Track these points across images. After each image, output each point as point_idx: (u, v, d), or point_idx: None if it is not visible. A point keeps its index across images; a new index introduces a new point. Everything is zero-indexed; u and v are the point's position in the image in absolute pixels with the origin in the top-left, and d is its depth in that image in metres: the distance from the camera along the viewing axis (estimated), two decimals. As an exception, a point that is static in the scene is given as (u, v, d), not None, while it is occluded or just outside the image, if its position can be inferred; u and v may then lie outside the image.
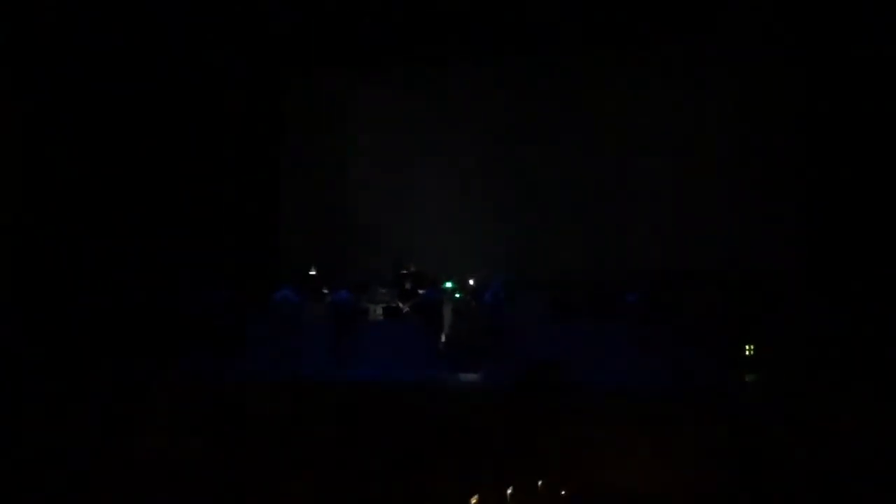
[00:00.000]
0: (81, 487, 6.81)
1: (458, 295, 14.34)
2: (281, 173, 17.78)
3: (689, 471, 9.54)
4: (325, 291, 14.60)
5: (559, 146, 16.38)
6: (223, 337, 13.28)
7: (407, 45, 15.79)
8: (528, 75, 16.55)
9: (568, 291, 13.85)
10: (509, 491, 8.24)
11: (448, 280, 14.50)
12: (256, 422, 10.05)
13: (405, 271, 15.13)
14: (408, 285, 14.86)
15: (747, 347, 11.72)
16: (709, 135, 15.47)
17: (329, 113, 17.76)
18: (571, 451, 9.78)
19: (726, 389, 11.15)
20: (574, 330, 12.82)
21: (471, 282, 14.44)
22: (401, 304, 14.74)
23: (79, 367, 11.94)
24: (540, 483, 9.01)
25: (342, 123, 17.77)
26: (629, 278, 13.74)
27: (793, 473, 9.20)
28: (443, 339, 13.46)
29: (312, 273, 15.36)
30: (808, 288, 13.12)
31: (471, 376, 12.58)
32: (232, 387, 11.70)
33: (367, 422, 10.19)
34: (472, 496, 7.50)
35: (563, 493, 9.54)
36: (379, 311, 14.91)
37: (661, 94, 15.79)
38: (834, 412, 9.72)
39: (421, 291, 14.22)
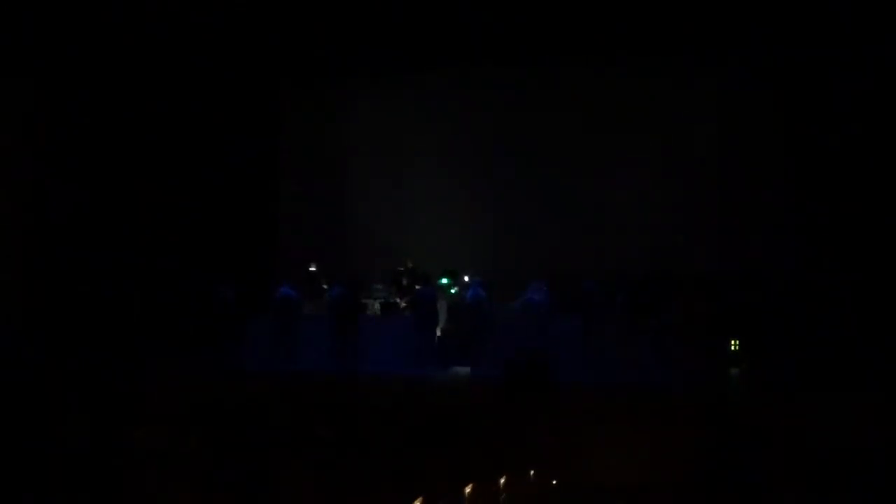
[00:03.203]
0: (82, 482, 6.71)
1: (452, 291, 14.33)
2: (282, 175, 17.81)
3: (675, 461, 9.53)
4: (325, 287, 14.59)
5: (551, 152, 16.40)
6: (225, 332, 13.27)
7: (402, 54, 15.81)
8: (520, 83, 16.55)
9: (558, 290, 13.79)
10: (502, 480, 8.19)
11: (443, 277, 14.48)
12: (256, 414, 10.02)
13: (402, 268, 15.09)
14: (405, 282, 14.81)
15: (732, 343, 11.76)
16: (696, 144, 15.53)
17: (328, 117, 17.75)
18: (561, 443, 9.77)
19: (712, 383, 11.19)
20: (564, 327, 12.76)
21: (465, 278, 14.43)
22: (398, 300, 14.72)
23: (83, 362, 11.92)
24: (531, 473, 8.97)
25: (340, 127, 17.72)
26: (620, 278, 13.70)
27: (775, 463, 9.20)
28: (438, 333, 13.44)
29: (312, 269, 15.32)
30: (789, 287, 13.18)
31: (463, 370, 12.57)
32: (233, 380, 11.71)
33: (365, 414, 10.16)
34: (466, 485, 7.41)
35: (553, 482, 9.51)
36: (377, 306, 14.89)
37: (651, 105, 15.80)
38: (814, 404, 9.77)
39: (417, 287, 14.17)
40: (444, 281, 14.37)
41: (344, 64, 16.61)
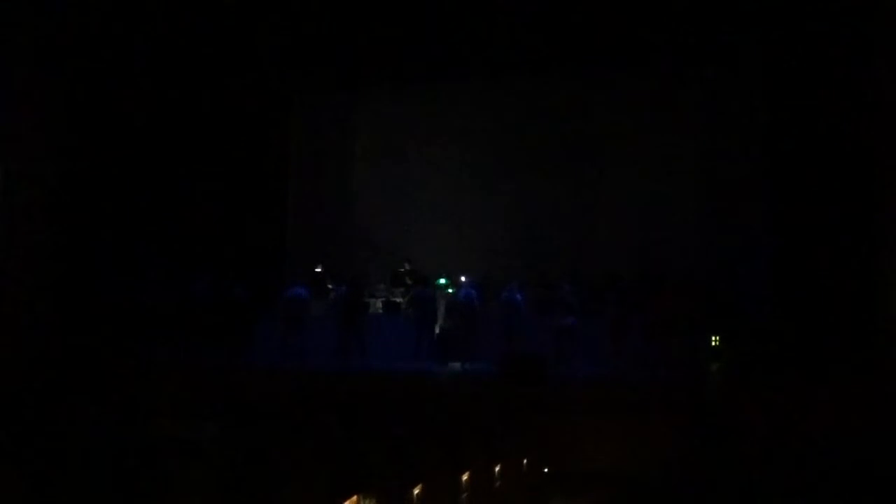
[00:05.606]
0: (95, 472, 6.83)
1: (450, 290, 14.51)
2: (291, 180, 17.91)
3: (659, 451, 9.79)
4: (330, 287, 14.75)
5: (547, 160, 16.61)
6: (239, 330, 13.42)
7: (407, 65, 15.93)
8: (519, 94, 16.74)
9: (552, 290, 14.03)
10: (497, 468, 8.44)
11: (441, 277, 14.67)
12: (268, 407, 10.22)
13: (402, 269, 15.27)
14: (409, 281, 14.98)
15: (713, 339, 11.97)
16: (683, 156, 15.77)
17: (335, 125, 17.96)
18: (553, 434, 10.02)
19: (693, 377, 11.42)
20: (556, 325, 12.93)
21: (462, 279, 14.62)
22: (400, 299, 14.87)
23: (100, 358, 12.05)
24: (524, 461, 9.26)
25: (347, 135, 17.96)
26: (609, 278, 13.99)
27: (752, 450, 9.48)
28: (436, 331, 13.68)
29: (318, 270, 15.46)
30: (765, 287, 13.40)
31: (460, 365, 12.78)
32: (244, 375, 11.87)
33: (369, 407, 10.37)
34: (463, 472, 7.70)
35: (545, 470, 9.81)
36: (378, 304, 15.08)
37: (642, 118, 16.05)
38: (787, 396, 10.01)
39: (418, 288, 14.32)
40: (442, 281, 14.56)
41: (351, 73, 16.66)
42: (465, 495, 7.51)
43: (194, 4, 14.38)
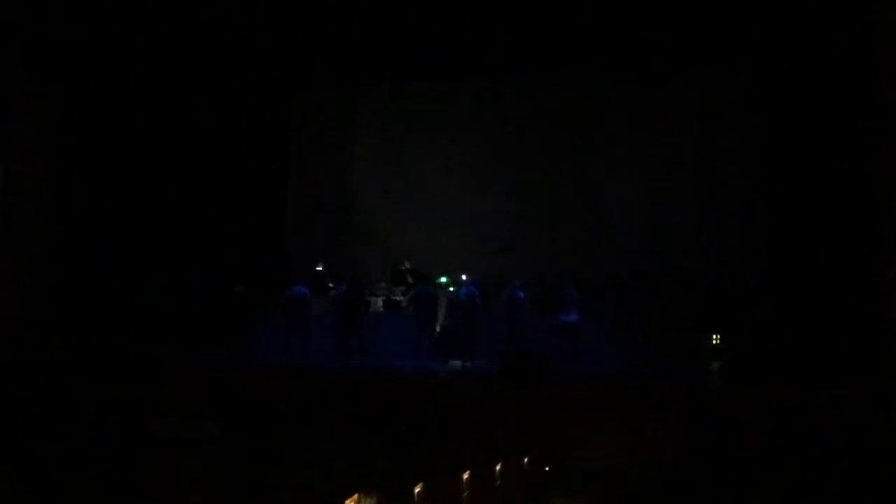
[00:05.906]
0: (95, 472, 6.82)
1: (451, 289, 14.55)
2: (291, 180, 17.95)
3: (660, 450, 9.79)
4: (331, 286, 14.78)
5: (547, 160, 16.65)
6: (239, 329, 13.42)
7: (405, 65, 15.98)
8: (519, 94, 16.79)
9: (553, 288, 14.05)
10: (497, 467, 8.41)
11: (442, 276, 14.69)
12: (266, 406, 10.21)
13: (402, 268, 15.28)
14: (409, 279, 15.01)
15: (713, 338, 11.97)
16: (683, 156, 15.84)
17: (336, 124, 17.98)
18: (554, 432, 10.02)
19: (693, 376, 11.43)
20: (561, 322, 12.93)
21: (463, 277, 14.65)
22: (400, 298, 14.90)
23: (100, 358, 12.02)
24: (525, 460, 9.23)
25: (346, 136, 17.98)
26: (610, 278, 14.00)
27: (752, 450, 9.48)
28: (437, 329, 13.66)
29: (319, 269, 15.48)
30: (765, 287, 13.41)
31: (461, 364, 12.80)
32: (244, 375, 11.88)
33: (369, 406, 10.38)
34: (464, 471, 7.66)
35: (546, 469, 9.78)
36: (379, 303, 15.10)
37: (642, 118, 16.10)
38: (787, 396, 10.01)
39: (418, 286, 14.35)
40: (443, 280, 14.59)
41: (351, 73, 16.70)
42: (465, 494, 7.49)
43: (194, 4, 14.37)
